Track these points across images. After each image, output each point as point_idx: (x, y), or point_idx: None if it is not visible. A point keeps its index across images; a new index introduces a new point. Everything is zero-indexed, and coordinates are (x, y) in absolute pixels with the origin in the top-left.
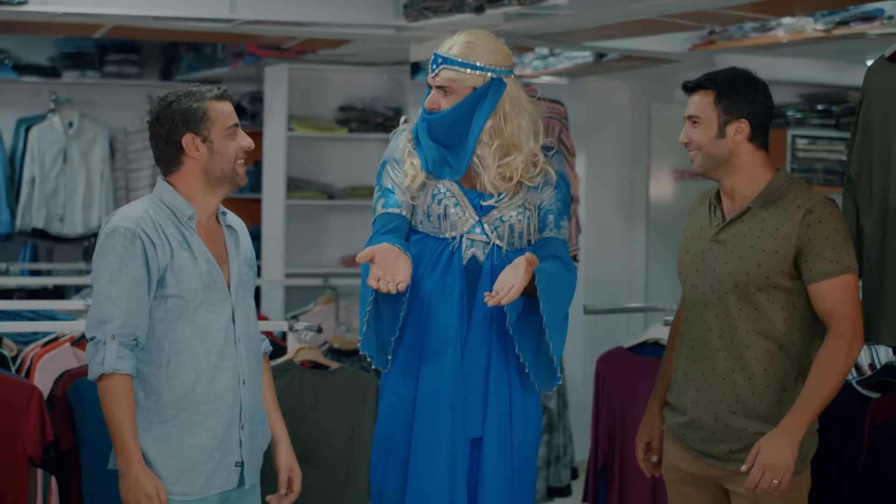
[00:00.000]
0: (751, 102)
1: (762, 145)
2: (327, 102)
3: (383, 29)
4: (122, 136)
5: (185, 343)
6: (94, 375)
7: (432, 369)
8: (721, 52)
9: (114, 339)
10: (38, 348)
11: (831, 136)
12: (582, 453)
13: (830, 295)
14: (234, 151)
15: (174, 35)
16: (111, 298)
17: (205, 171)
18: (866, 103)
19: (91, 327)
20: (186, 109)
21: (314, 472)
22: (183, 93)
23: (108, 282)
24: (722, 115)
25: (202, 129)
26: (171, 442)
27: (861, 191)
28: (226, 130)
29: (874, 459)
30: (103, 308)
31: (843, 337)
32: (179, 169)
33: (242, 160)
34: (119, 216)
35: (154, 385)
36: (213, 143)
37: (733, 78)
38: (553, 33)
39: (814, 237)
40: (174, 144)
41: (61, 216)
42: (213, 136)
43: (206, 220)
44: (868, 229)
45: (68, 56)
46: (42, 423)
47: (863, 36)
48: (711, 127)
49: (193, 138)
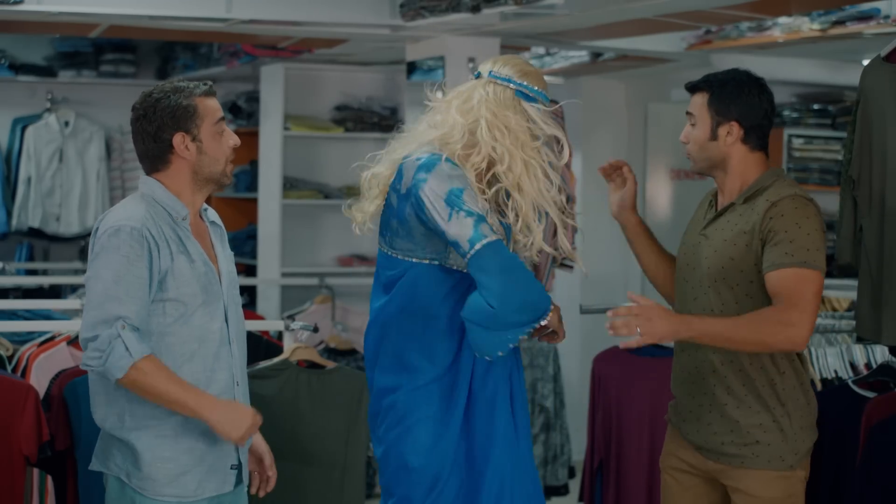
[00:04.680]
0: (742, 104)
1: (758, 147)
2: (323, 102)
3: (379, 28)
4: (118, 136)
5: (184, 347)
6: (122, 371)
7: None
8: (717, 51)
9: (126, 328)
10: (34, 348)
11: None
12: (579, 452)
13: (780, 282)
14: (224, 152)
15: (170, 34)
16: (117, 299)
17: (193, 170)
18: (863, 103)
19: (91, 326)
20: (176, 106)
21: (311, 472)
22: (170, 88)
23: (113, 282)
24: (714, 116)
25: (192, 128)
26: (165, 444)
27: (861, 191)
28: (214, 126)
29: (870, 459)
30: (106, 308)
31: (786, 315)
32: (167, 168)
33: (231, 159)
34: (119, 215)
35: None
36: (202, 142)
37: (726, 81)
38: (549, 33)
39: (774, 230)
40: (163, 143)
41: (57, 215)
42: (203, 134)
43: (194, 218)
44: (867, 229)
45: (64, 55)
46: (38, 423)
47: (859, 35)
48: (705, 128)
49: (184, 137)
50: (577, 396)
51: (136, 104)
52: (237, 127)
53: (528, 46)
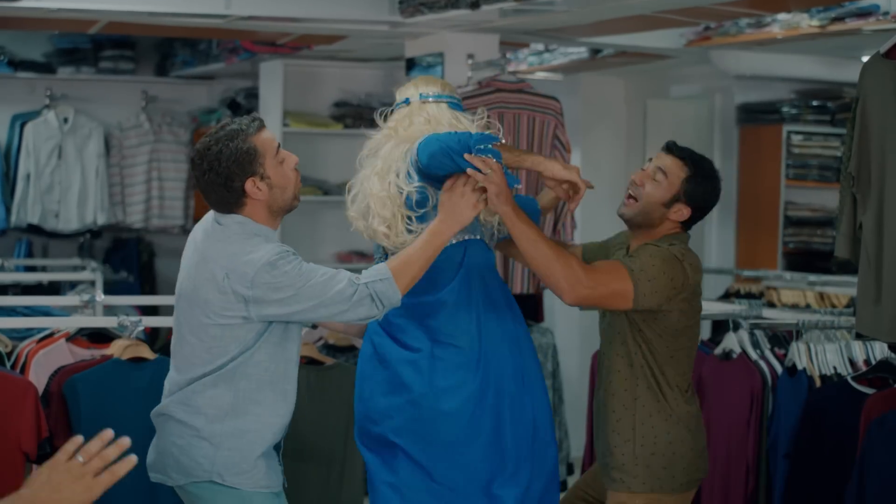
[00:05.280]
0: (704, 196)
1: (686, 228)
2: (322, 98)
3: (378, 25)
4: (117, 132)
5: (292, 364)
6: (396, 299)
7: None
8: (716, 48)
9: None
10: (32, 344)
11: (827, 132)
12: (578, 448)
13: (603, 263)
14: (290, 178)
15: (169, 31)
16: (322, 277)
17: (268, 206)
18: (862, 100)
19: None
20: (238, 153)
21: (309, 468)
22: (225, 136)
23: (307, 280)
24: (681, 193)
25: (258, 169)
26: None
27: (860, 187)
28: (275, 158)
29: (869, 455)
30: (332, 284)
31: (585, 274)
32: (241, 210)
33: (298, 180)
34: (262, 250)
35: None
36: (271, 177)
37: (704, 166)
38: (548, 29)
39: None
40: (236, 191)
41: (56, 212)
42: (269, 170)
43: None
44: (866, 226)
45: (63, 52)
46: (37, 420)
47: (858, 32)
48: (666, 195)
49: (254, 181)
50: (575, 392)
51: (195, 159)
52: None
53: (527, 43)
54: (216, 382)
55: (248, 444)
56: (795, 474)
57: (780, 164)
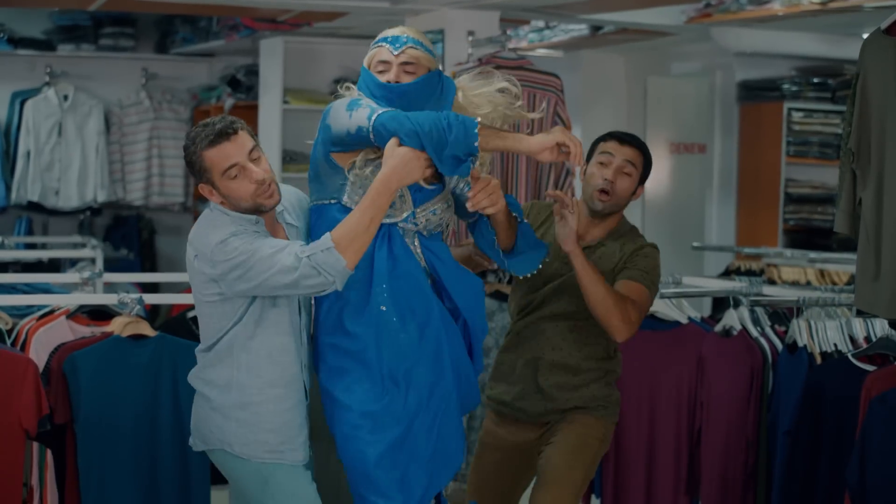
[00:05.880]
0: (648, 172)
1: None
2: (323, 75)
3: (379, 1)
4: (117, 110)
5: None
6: (341, 267)
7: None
8: (717, 24)
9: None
10: (33, 321)
11: (827, 109)
12: None
13: (626, 287)
14: (245, 191)
15: (169, 8)
16: (270, 250)
17: (231, 206)
18: (863, 76)
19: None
20: (190, 162)
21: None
22: (190, 138)
23: (253, 254)
24: (640, 178)
25: (205, 179)
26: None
27: (860, 164)
28: (223, 176)
29: (870, 432)
30: (279, 257)
31: (634, 313)
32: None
33: (264, 189)
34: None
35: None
36: (220, 188)
37: (646, 149)
38: (549, 6)
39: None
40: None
41: (56, 189)
42: (217, 182)
43: (269, 220)
44: (866, 202)
45: (63, 29)
46: (38, 397)
47: (859, 9)
48: (634, 183)
49: (207, 187)
50: None
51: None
52: (236, 101)
53: (527, 20)
54: (220, 356)
55: (254, 416)
56: (795, 451)
57: (780, 141)
